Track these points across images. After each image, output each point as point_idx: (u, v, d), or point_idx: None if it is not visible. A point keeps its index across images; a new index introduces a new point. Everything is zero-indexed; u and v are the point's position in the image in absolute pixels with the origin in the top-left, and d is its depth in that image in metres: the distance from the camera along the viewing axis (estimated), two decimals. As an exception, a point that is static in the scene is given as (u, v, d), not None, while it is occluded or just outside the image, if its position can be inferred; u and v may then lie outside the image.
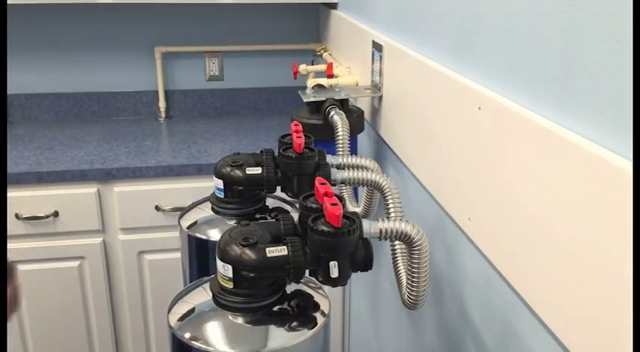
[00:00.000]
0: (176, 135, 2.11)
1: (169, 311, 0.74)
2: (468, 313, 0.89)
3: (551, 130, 0.61)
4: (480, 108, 0.78)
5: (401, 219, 0.75)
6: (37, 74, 2.22)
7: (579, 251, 0.57)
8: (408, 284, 0.81)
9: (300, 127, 0.93)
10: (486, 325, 0.83)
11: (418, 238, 0.74)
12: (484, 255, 0.80)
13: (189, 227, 0.97)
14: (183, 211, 1.01)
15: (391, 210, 0.90)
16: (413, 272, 0.79)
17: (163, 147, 1.97)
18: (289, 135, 0.95)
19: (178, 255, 1.04)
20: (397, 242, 0.89)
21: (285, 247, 0.68)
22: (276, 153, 0.95)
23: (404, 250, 0.88)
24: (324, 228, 0.67)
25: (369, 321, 1.61)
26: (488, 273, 0.79)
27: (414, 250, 0.76)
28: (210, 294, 0.73)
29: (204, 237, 0.94)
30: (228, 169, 0.93)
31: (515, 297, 0.72)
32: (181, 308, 0.74)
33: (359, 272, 0.72)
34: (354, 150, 1.28)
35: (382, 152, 1.35)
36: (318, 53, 2.10)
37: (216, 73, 2.33)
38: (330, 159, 0.95)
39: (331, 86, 1.41)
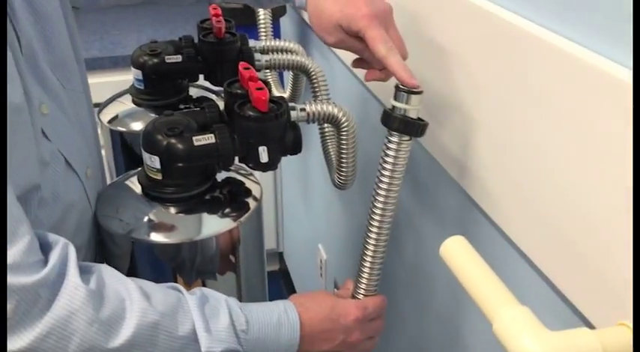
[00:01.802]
0: (85, 26, 1.97)
1: (97, 208, 0.72)
2: (395, 190, 0.92)
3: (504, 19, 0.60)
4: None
5: (328, 102, 0.74)
6: None
7: (519, 136, 0.59)
8: (338, 165, 0.83)
9: (219, 11, 0.89)
10: (414, 195, 0.86)
11: (346, 119, 0.75)
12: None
13: (110, 121, 0.93)
14: (102, 106, 0.97)
15: (318, 93, 0.89)
16: (342, 153, 0.80)
17: (73, 39, 1.84)
18: (208, 20, 0.90)
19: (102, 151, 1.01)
20: (326, 125, 0.89)
21: (212, 135, 0.67)
22: (195, 40, 0.91)
23: (332, 133, 0.88)
24: (251, 113, 0.66)
25: (302, 205, 1.66)
26: (417, 152, 0.81)
27: (342, 131, 0.76)
28: (140, 187, 0.72)
29: (127, 130, 0.91)
30: (146, 58, 0.88)
31: (439, 167, 0.73)
32: (111, 204, 0.73)
33: (288, 156, 0.72)
34: (277, 35, 1.24)
35: (306, 35, 1.31)
36: None
37: (124, -44, 2.15)
38: (253, 43, 0.92)
39: (249, -34, 1.33)
